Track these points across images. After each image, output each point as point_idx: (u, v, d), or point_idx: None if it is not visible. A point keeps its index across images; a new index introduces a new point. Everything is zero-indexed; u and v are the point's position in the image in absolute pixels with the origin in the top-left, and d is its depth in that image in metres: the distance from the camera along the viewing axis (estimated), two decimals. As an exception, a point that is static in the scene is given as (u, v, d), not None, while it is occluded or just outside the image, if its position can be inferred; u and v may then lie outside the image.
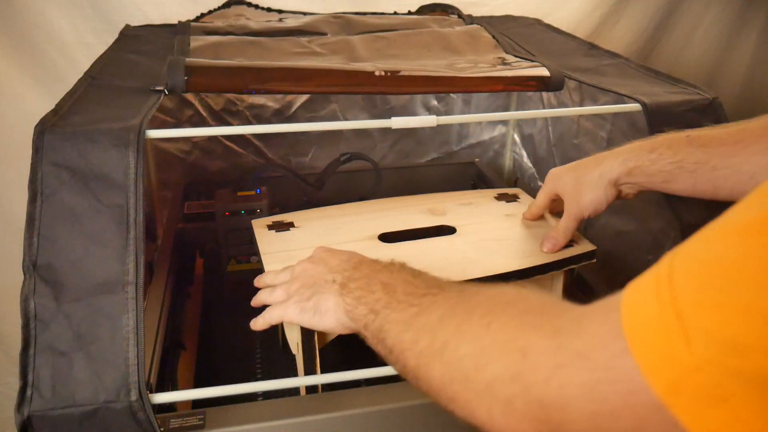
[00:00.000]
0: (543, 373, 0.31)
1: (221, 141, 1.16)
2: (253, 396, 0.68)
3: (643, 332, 0.27)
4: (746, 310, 0.23)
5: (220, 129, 1.10)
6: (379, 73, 0.71)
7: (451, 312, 0.41)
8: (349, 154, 0.97)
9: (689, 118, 0.72)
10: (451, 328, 0.39)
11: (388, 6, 1.15)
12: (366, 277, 0.50)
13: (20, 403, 0.49)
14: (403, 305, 0.45)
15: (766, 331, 0.22)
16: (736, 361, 0.23)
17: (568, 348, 0.31)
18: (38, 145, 0.56)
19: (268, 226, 0.75)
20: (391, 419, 0.59)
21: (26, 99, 1.10)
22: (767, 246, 0.24)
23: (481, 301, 0.40)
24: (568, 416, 0.30)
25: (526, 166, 1.21)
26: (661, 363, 0.26)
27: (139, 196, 0.55)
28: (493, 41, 0.93)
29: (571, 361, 0.30)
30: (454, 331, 0.39)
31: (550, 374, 0.31)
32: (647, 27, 1.33)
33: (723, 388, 0.23)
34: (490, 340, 0.36)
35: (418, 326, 0.42)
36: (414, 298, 0.45)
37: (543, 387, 0.31)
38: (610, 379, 0.28)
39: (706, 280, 0.25)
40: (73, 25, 1.09)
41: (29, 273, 0.52)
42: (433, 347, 0.40)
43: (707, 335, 0.24)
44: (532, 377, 0.32)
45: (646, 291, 0.28)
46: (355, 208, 0.82)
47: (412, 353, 0.42)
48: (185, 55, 0.76)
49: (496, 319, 0.37)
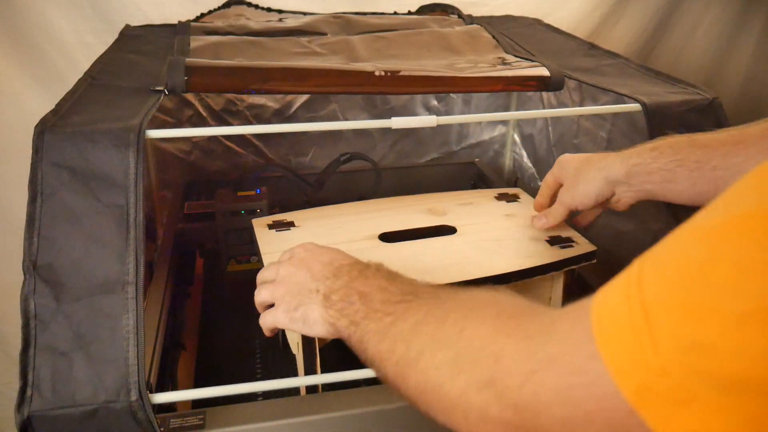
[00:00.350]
0: (516, 379, 0.31)
1: (221, 141, 1.16)
2: (253, 396, 0.68)
3: (611, 335, 0.27)
4: (710, 311, 0.23)
5: (220, 129, 1.10)
6: (379, 73, 0.71)
7: (424, 319, 0.41)
8: (349, 154, 0.97)
9: (689, 118, 0.72)
10: (424, 336, 0.39)
11: (388, 6, 1.15)
12: (345, 287, 0.50)
13: (20, 403, 0.49)
14: (379, 314, 0.45)
15: (729, 333, 0.22)
16: (700, 363, 0.23)
17: (540, 353, 0.31)
18: (38, 145, 0.56)
19: (268, 225, 0.75)
20: (391, 419, 0.59)
21: (26, 99, 1.10)
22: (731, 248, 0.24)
23: (453, 306, 0.40)
24: (542, 421, 0.30)
25: (526, 166, 1.21)
26: (629, 366, 0.26)
27: (139, 196, 0.55)
28: (493, 41, 0.93)
29: (543, 365, 0.30)
30: (428, 339, 0.39)
31: (524, 379, 0.31)
32: (647, 27, 1.33)
33: (688, 390, 0.23)
34: (463, 346, 0.36)
35: (394, 335, 0.42)
36: (389, 306, 0.45)
37: (516, 392, 0.31)
38: (583, 383, 0.28)
39: (674, 282, 0.25)
40: (73, 25, 1.09)
41: (29, 273, 0.52)
42: (408, 356, 0.40)
43: (673, 337, 0.24)
44: (505, 383, 0.32)
45: (616, 294, 0.28)
46: (355, 207, 0.82)
47: (389, 363, 0.42)
48: (185, 55, 0.76)
49: (468, 325, 0.37)
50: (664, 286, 0.26)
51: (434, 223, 0.78)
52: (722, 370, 0.22)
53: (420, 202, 0.83)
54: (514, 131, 1.25)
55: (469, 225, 0.77)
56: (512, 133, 1.25)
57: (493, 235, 0.74)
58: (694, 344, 0.23)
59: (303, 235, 0.74)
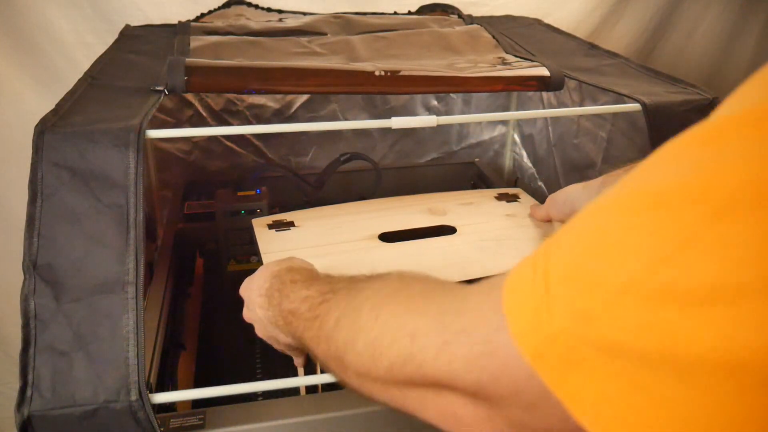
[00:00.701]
0: (431, 352, 0.33)
1: (221, 141, 1.16)
2: (253, 396, 0.68)
3: (517, 304, 0.29)
4: (596, 283, 0.25)
5: (220, 129, 1.10)
6: (379, 73, 0.71)
7: (343, 314, 0.43)
8: (349, 154, 0.97)
9: (689, 118, 0.72)
10: (346, 329, 0.41)
11: (388, 6, 1.15)
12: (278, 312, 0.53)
13: (20, 403, 0.49)
14: (309, 322, 0.47)
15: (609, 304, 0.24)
16: (586, 330, 0.25)
17: (453, 326, 0.33)
18: (38, 145, 0.55)
19: (268, 225, 0.75)
20: (391, 419, 0.59)
21: (26, 99, 1.10)
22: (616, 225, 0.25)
23: (369, 295, 0.42)
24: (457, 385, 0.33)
25: (526, 166, 1.21)
26: (529, 332, 0.28)
27: (139, 196, 0.55)
28: (493, 41, 0.93)
29: (455, 337, 0.32)
30: (349, 331, 0.41)
31: (438, 351, 0.33)
32: (647, 27, 1.33)
33: (577, 353, 0.25)
34: (380, 330, 0.38)
35: (324, 336, 0.44)
36: (314, 310, 0.47)
37: (433, 364, 0.33)
38: (490, 351, 0.30)
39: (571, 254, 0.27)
40: (73, 25, 1.09)
41: (29, 273, 0.52)
42: (338, 351, 0.42)
43: (565, 305, 0.26)
44: (422, 357, 0.34)
45: (526, 266, 0.30)
46: (355, 207, 0.82)
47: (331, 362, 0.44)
48: (185, 55, 0.76)
49: (383, 311, 0.39)
50: (563, 258, 0.27)
51: (434, 223, 0.78)
52: (605, 338, 0.24)
53: (420, 202, 0.83)
54: (514, 131, 1.25)
55: (469, 225, 0.77)
56: (512, 133, 1.25)
57: (493, 235, 0.74)
58: (581, 312, 0.25)
59: (303, 234, 0.74)
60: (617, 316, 0.23)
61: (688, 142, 0.24)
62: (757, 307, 0.19)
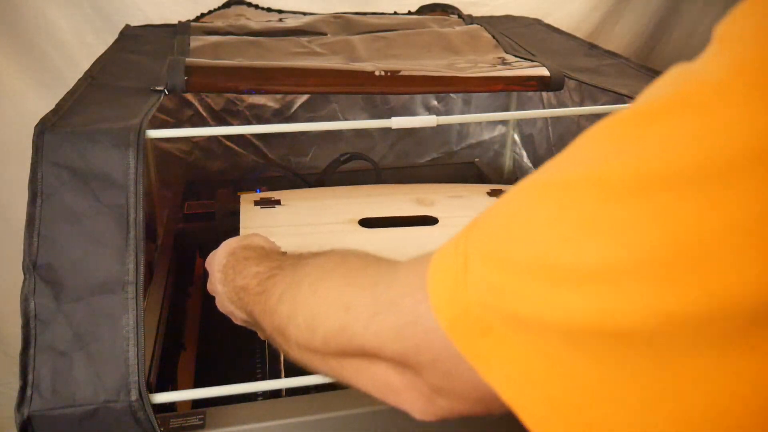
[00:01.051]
0: (362, 322, 0.36)
1: (221, 141, 1.16)
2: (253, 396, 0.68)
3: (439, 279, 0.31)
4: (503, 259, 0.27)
5: (220, 129, 1.10)
6: (379, 73, 0.71)
7: (286, 288, 0.45)
8: (349, 154, 0.97)
9: (689, 118, 0.72)
10: (287, 303, 0.43)
11: (388, 6, 1.15)
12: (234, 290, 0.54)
13: (20, 403, 0.49)
14: (258, 297, 0.49)
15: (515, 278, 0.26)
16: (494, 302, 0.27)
17: (382, 298, 0.35)
18: (38, 145, 0.55)
19: (255, 201, 0.75)
20: (392, 419, 0.59)
21: (26, 99, 1.10)
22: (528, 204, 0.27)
23: (309, 271, 0.44)
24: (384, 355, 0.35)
25: (526, 166, 1.21)
26: (447, 304, 0.30)
27: (139, 196, 0.55)
28: (493, 41, 0.93)
29: (384, 308, 0.35)
30: (290, 305, 0.43)
31: (368, 322, 0.35)
32: (647, 27, 1.33)
33: (486, 323, 0.28)
34: (318, 304, 0.40)
35: (269, 310, 0.46)
36: (262, 285, 0.49)
37: (363, 334, 0.35)
38: (413, 321, 0.32)
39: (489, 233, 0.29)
40: (73, 25, 1.09)
41: (29, 273, 0.52)
42: (281, 325, 0.44)
43: (478, 280, 0.28)
44: (354, 327, 0.36)
45: (451, 244, 0.32)
46: (345, 191, 0.82)
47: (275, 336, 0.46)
48: (185, 55, 0.76)
49: (321, 285, 0.41)
50: (480, 237, 0.30)
51: (419, 212, 0.77)
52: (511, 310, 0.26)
53: (410, 192, 0.83)
54: (514, 131, 1.25)
55: (453, 218, 0.76)
56: (512, 133, 1.25)
57: None
58: (492, 286, 0.27)
59: (286, 214, 0.74)
60: (522, 290, 0.26)
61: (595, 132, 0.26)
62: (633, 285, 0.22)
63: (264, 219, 0.71)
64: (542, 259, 0.25)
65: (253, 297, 0.50)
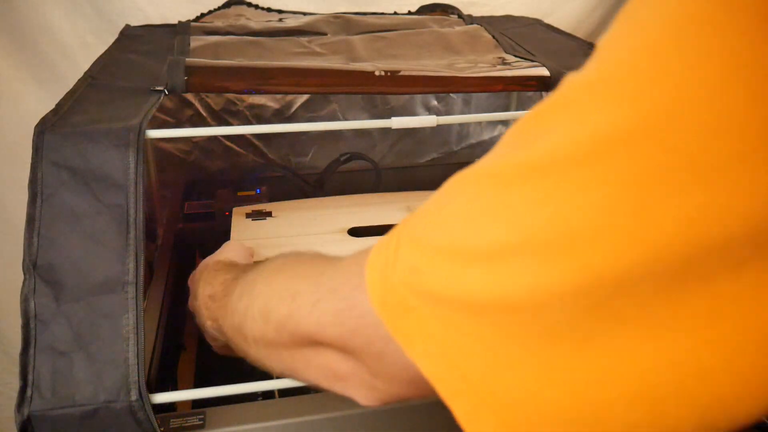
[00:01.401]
0: (306, 309, 0.38)
1: (221, 141, 1.16)
2: (253, 396, 0.68)
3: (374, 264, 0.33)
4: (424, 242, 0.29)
5: (220, 129, 1.10)
6: (379, 73, 0.71)
7: (246, 285, 0.47)
8: (349, 154, 0.97)
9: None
10: (245, 299, 0.46)
11: (388, 6, 1.15)
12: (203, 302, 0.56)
13: (20, 403, 0.49)
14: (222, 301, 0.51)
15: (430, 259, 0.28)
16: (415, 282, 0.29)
17: (325, 286, 0.37)
18: (38, 145, 0.55)
19: (246, 214, 0.76)
20: (392, 419, 0.59)
21: (26, 99, 1.10)
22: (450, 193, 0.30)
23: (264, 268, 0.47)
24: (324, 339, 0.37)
25: (526, 166, 1.21)
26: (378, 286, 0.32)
27: (139, 196, 0.55)
28: (493, 41, 0.93)
29: (326, 296, 0.37)
30: (248, 300, 0.45)
31: (311, 309, 0.37)
32: (647, 27, 1.33)
33: (409, 301, 0.30)
34: (270, 296, 0.42)
35: (230, 310, 0.48)
36: (227, 289, 0.51)
37: (306, 320, 0.38)
38: (350, 306, 0.35)
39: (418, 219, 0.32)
40: (73, 25, 1.09)
41: (29, 273, 0.52)
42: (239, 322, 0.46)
43: (403, 261, 0.30)
44: (299, 314, 0.38)
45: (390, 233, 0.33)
46: (336, 201, 0.83)
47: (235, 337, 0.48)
48: (185, 55, 0.76)
49: (275, 278, 0.44)
50: (411, 223, 0.32)
51: None
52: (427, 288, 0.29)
53: (401, 200, 0.84)
54: (514, 131, 1.25)
55: None
56: (512, 133, 1.25)
57: None
58: (413, 267, 0.30)
59: (275, 226, 0.75)
60: (436, 270, 0.28)
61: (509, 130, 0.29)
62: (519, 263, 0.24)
63: (253, 231, 0.72)
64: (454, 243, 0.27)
65: (218, 302, 0.52)
